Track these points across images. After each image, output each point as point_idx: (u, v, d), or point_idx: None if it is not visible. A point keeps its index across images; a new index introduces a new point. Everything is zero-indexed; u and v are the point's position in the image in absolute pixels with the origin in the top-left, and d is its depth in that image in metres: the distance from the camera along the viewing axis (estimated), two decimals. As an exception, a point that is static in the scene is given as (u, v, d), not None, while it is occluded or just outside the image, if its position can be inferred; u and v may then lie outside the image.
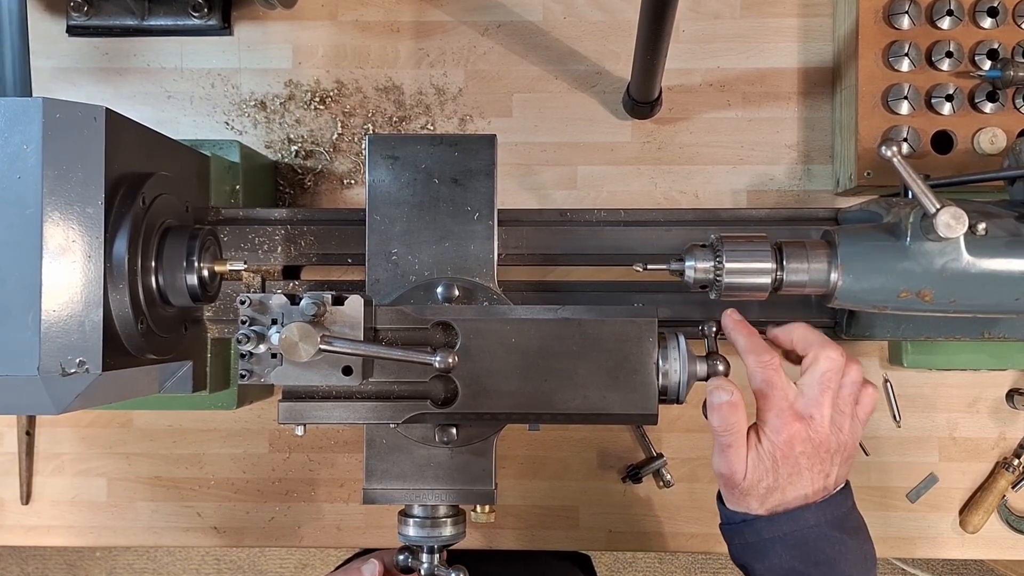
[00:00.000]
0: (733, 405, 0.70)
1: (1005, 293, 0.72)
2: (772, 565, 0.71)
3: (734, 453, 0.71)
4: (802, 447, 0.69)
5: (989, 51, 0.94)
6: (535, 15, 1.07)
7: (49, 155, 0.62)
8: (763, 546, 0.71)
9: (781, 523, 0.71)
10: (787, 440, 0.69)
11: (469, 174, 0.79)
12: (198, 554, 2.27)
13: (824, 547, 0.70)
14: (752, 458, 0.70)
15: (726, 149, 1.05)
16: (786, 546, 0.70)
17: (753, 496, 0.71)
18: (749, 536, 0.72)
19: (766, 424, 0.70)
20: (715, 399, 0.71)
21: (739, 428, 0.71)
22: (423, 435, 0.76)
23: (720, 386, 0.71)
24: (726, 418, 0.70)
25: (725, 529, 0.76)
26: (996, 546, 1.03)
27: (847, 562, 0.70)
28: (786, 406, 0.70)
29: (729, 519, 0.75)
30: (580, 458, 1.05)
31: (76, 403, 0.65)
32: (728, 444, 0.71)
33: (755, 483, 0.71)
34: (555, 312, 0.73)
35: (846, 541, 0.71)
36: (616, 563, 2.25)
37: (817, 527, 0.70)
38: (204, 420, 1.06)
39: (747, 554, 0.73)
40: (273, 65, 1.07)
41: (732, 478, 0.71)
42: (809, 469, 0.70)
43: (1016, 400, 1.01)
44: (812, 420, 0.70)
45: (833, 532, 0.70)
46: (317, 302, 0.67)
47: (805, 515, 0.70)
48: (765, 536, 0.71)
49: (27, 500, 1.06)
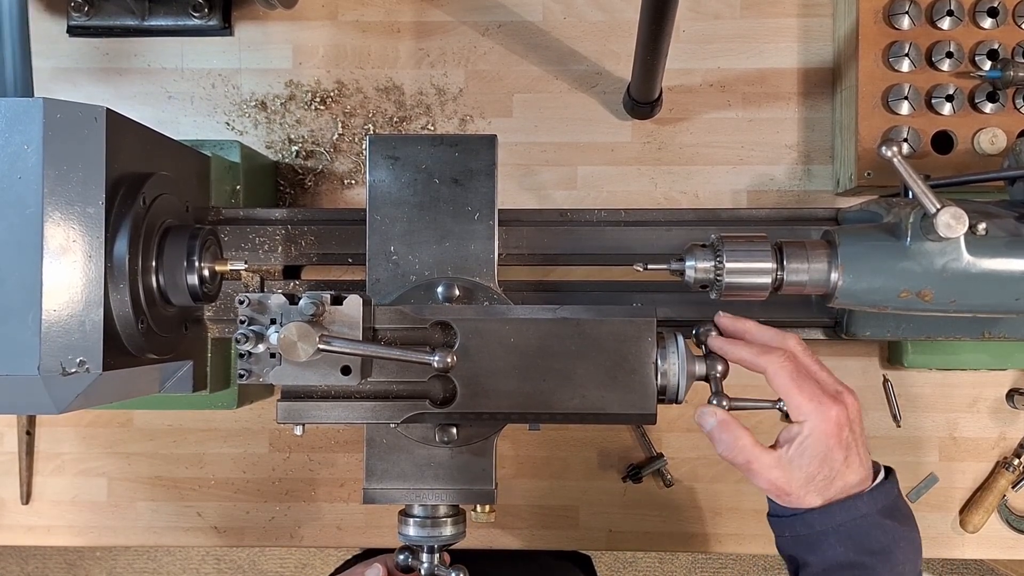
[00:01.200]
0: (724, 423, 0.69)
1: (1005, 293, 0.72)
2: (826, 558, 0.69)
3: (759, 466, 0.68)
4: (848, 425, 0.67)
5: (989, 51, 0.94)
6: (535, 15, 1.07)
7: (50, 155, 0.62)
8: (815, 538, 0.69)
9: (834, 514, 0.68)
10: (836, 424, 0.67)
11: (469, 174, 0.79)
12: (198, 554, 2.27)
13: (878, 536, 0.68)
14: (796, 458, 0.68)
15: (726, 149, 1.05)
16: (840, 537, 0.68)
17: (812, 492, 0.68)
18: (800, 528, 0.70)
19: (809, 416, 0.67)
20: (706, 427, 0.70)
21: (745, 442, 0.69)
22: (423, 435, 0.76)
23: (702, 413, 0.70)
24: (725, 440, 0.69)
25: (774, 521, 0.74)
26: (996, 546, 1.03)
27: (900, 551, 0.69)
28: (820, 391, 0.67)
29: (778, 511, 0.72)
30: (580, 458, 1.05)
31: (76, 403, 0.65)
32: (747, 461, 0.69)
33: (809, 479, 0.68)
34: (554, 312, 0.73)
35: (898, 529, 0.69)
36: (616, 563, 2.24)
37: (870, 516, 0.68)
38: (204, 420, 1.06)
39: (798, 547, 0.71)
40: (273, 65, 1.08)
41: (779, 488, 0.69)
42: (856, 445, 0.68)
43: (1016, 400, 1.01)
44: (841, 395, 0.68)
45: (885, 520, 0.69)
46: (316, 302, 0.67)
47: (858, 504, 0.68)
48: (818, 528, 0.69)
49: (27, 500, 1.06)
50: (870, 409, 1.03)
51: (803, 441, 0.68)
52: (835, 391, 0.69)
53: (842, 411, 0.68)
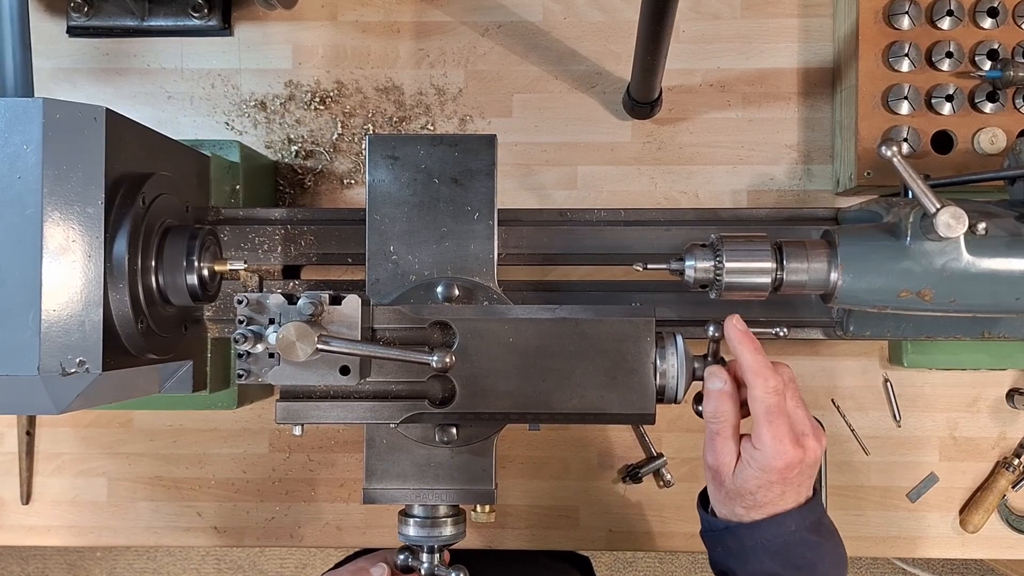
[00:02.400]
0: (726, 394, 0.70)
1: (1005, 293, 0.71)
2: (754, 571, 0.71)
3: (721, 443, 0.71)
4: (798, 468, 0.70)
5: (989, 51, 0.94)
6: (535, 15, 1.07)
7: (49, 155, 0.62)
8: (744, 553, 0.72)
9: (763, 530, 0.71)
10: (785, 466, 0.69)
11: (469, 174, 0.79)
12: (198, 554, 2.27)
13: (804, 551, 0.71)
14: (741, 466, 0.70)
15: (726, 149, 1.05)
16: (768, 552, 0.71)
17: (739, 504, 0.71)
18: (731, 543, 0.73)
19: (765, 448, 0.69)
20: (710, 385, 0.71)
21: (728, 418, 0.70)
22: (423, 435, 0.76)
23: (715, 373, 0.71)
24: (716, 406, 0.70)
25: (707, 536, 0.77)
26: (996, 546, 1.03)
27: (825, 564, 0.71)
28: (786, 433, 0.69)
29: (711, 525, 0.75)
30: (580, 458, 1.05)
31: (76, 403, 0.65)
32: (716, 432, 0.71)
33: (741, 492, 0.70)
34: (553, 312, 0.73)
35: (823, 544, 0.72)
36: (616, 563, 2.24)
37: (797, 532, 0.71)
38: (204, 420, 1.06)
39: (729, 560, 0.74)
40: (273, 65, 1.08)
41: (719, 471, 0.71)
42: (799, 485, 0.71)
43: (1016, 400, 1.01)
44: (805, 439, 0.70)
45: (811, 536, 0.71)
46: (314, 302, 0.67)
47: (786, 521, 0.71)
48: (747, 543, 0.72)
49: (27, 500, 1.06)
50: (870, 409, 1.03)
51: (750, 461, 0.70)
52: (801, 433, 0.70)
53: (798, 455, 0.69)
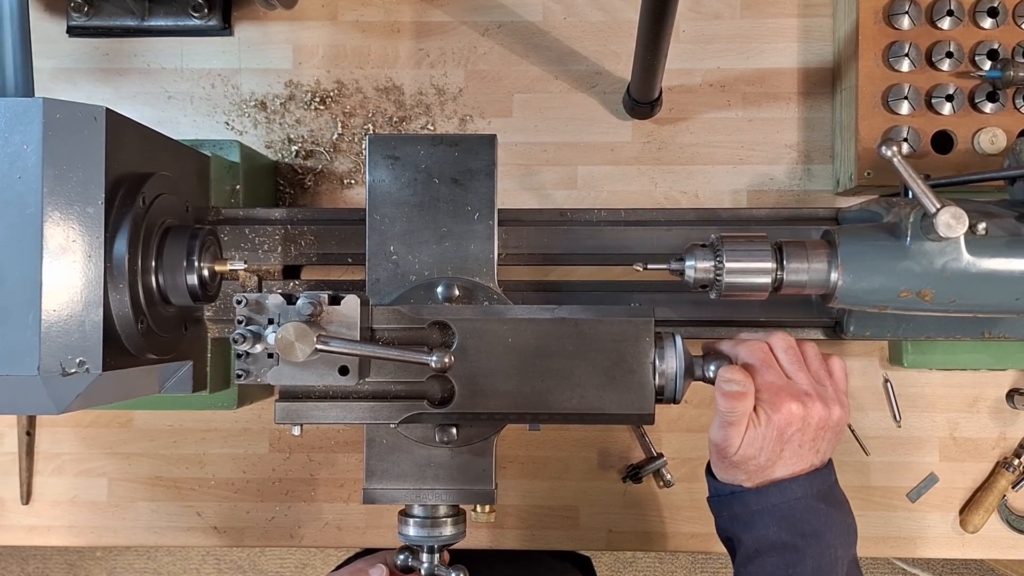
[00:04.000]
0: (743, 395, 0.70)
1: (1005, 293, 0.71)
2: (759, 536, 0.72)
3: (734, 431, 0.71)
4: (798, 425, 0.70)
5: (989, 51, 0.94)
6: (535, 15, 1.07)
7: (49, 155, 0.62)
8: (750, 517, 0.72)
9: (769, 495, 0.71)
10: (784, 419, 0.69)
11: (469, 174, 0.79)
12: (198, 554, 2.27)
13: (810, 519, 0.71)
14: (748, 436, 0.71)
15: (726, 149, 1.05)
16: (774, 517, 0.71)
17: (743, 470, 0.72)
18: (737, 508, 0.73)
19: (763, 402, 0.70)
20: (726, 387, 0.71)
21: (744, 412, 0.71)
22: (423, 435, 0.76)
23: (732, 379, 0.71)
24: (733, 405, 0.70)
25: (713, 502, 0.77)
26: (996, 546, 1.03)
27: (832, 534, 0.71)
28: (782, 384, 0.70)
29: (717, 491, 0.76)
30: (580, 458, 1.05)
31: (76, 403, 0.65)
32: (731, 423, 0.71)
33: (746, 459, 0.71)
34: (552, 312, 0.73)
35: (831, 514, 0.72)
36: (616, 563, 2.24)
37: (804, 499, 0.71)
38: (204, 420, 1.06)
39: (734, 526, 0.74)
40: (273, 65, 1.07)
41: (725, 449, 0.72)
42: (800, 446, 0.71)
43: (1016, 400, 1.01)
44: (807, 398, 0.70)
45: (819, 504, 0.71)
46: (313, 302, 0.67)
47: (792, 487, 0.71)
48: (753, 508, 0.72)
49: (27, 500, 1.06)
50: (870, 409, 1.03)
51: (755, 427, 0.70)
52: (804, 392, 0.70)
53: (798, 409, 0.69)
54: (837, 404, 0.72)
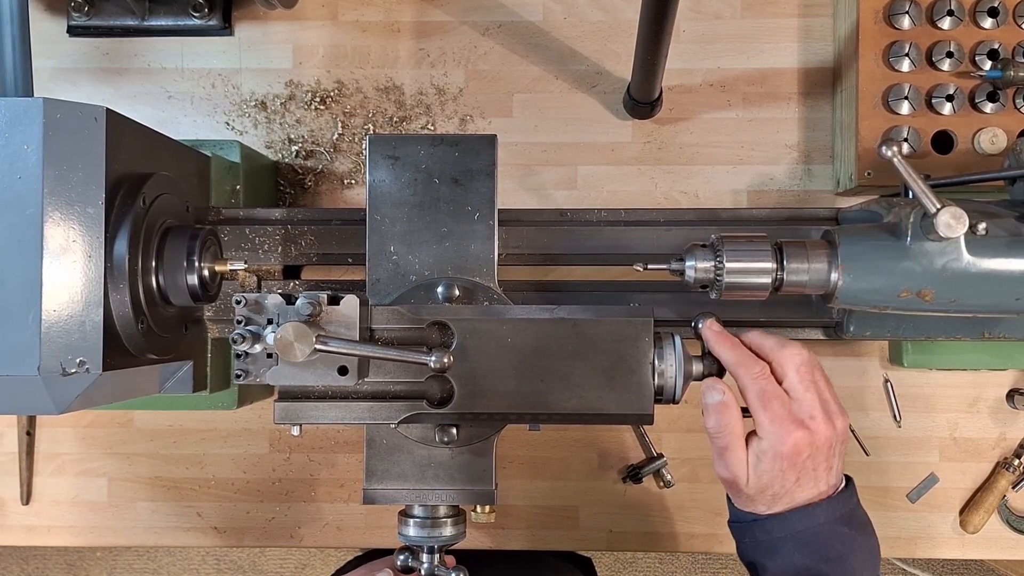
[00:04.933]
0: (726, 405, 0.70)
1: (1005, 293, 0.71)
2: (783, 563, 0.70)
3: (731, 456, 0.70)
4: (808, 451, 0.69)
5: (990, 51, 0.94)
6: (535, 15, 1.07)
7: (50, 155, 0.62)
8: (774, 544, 0.71)
9: (792, 521, 0.70)
10: (793, 449, 0.68)
11: (469, 174, 0.79)
12: (198, 554, 2.27)
13: (835, 544, 0.70)
14: (754, 465, 0.70)
15: (726, 149, 1.05)
16: (798, 544, 0.70)
17: (760, 501, 0.71)
18: (759, 535, 0.72)
19: (768, 436, 0.69)
20: (708, 399, 0.71)
21: (733, 429, 0.70)
22: (423, 435, 0.76)
23: (711, 386, 0.71)
24: (719, 419, 0.70)
25: (734, 527, 0.76)
26: (996, 546, 1.03)
27: (856, 558, 0.70)
28: (784, 414, 0.69)
29: (739, 518, 0.75)
30: (580, 458, 1.05)
31: (77, 403, 0.65)
32: (724, 446, 0.70)
33: (761, 490, 0.70)
34: (551, 312, 0.73)
35: (855, 537, 0.71)
36: (616, 563, 2.24)
37: (827, 524, 0.70)
38: (204, 420, 1.06)
39: (757, 552, 0.73)
40: (274, 65, 1.08)
41: (735, 483, 0.71)
42: (815, 470, 0.70)
43: (1016, 400, 1.01)
44: (813, 421, 0.69)
45: (842, 528, 0.70)
46: (313, 302, 0.67)
47: (816, 513, 0.70)
48: (776, 535, 0.71)
49: (27, 500, 1.06)
50: (870, 409, 1.03)
51: (760, 456, 0.70)
52: (807, 416, 0.69)
53: (805, 436, 0.68)
54: (839, 415, 0.71)
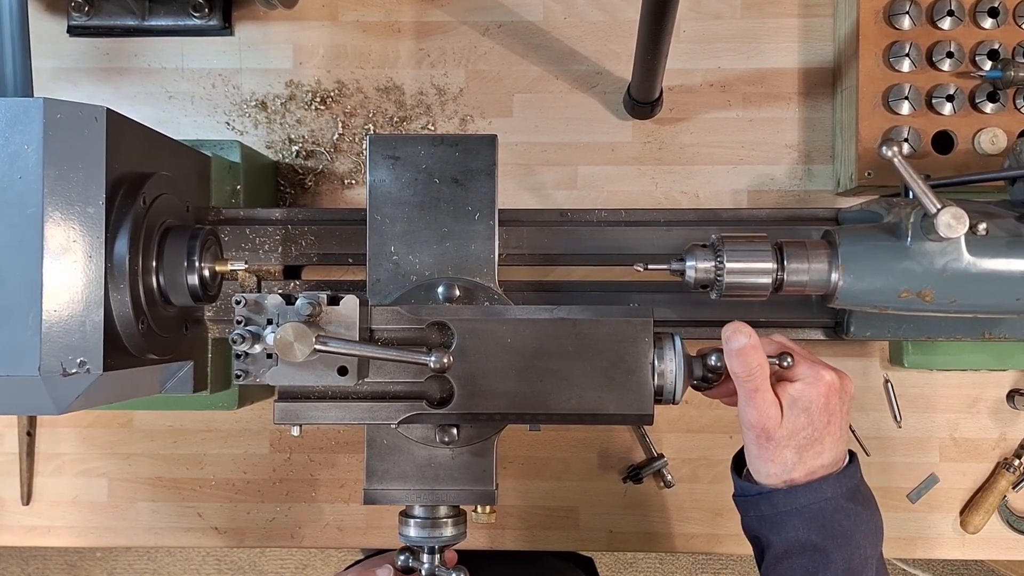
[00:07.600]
0: (754, 347, 0.68)
1: (1006, 293, 0.71)
2: (788, 538, 0.70)
3: (762, 397, 0.69)
4: (838, 394, 0.70)
5: (990, 51, 0.94)
6: (535, 15, 1.07)
7: (50, 155, 0.62)
8: (779, 518, 0.70)
9: (799, 495, 0.70)
10: (827, 388, 0.69)
11: (470, 174, 0.79)
12: (198, 554, 2.27)
13: (840, 519, 0.69)
14: (789, 405, 0.69)
15: (727, 149, 1.05)
16: (803, 519, 0.69)
17: (790, 447, 0.69)
18: (765, 508, 0.71)
19: (804, 375, 0.69)
20: (734, 344, 0.69)
21: (763, 370, 0.69)
22: (424, 435, 0.76)
23: (737, 330, 0.69)
24: (748, 361, 0.68)
25: (739, 501, 0.75)
26: (996, 546, 1.03)
27: (861, 534, 0.70)
28: (814, 359, 0.71)
29: (744, 491, 0.74)
30: (581, 459, 1.05)
31: (77, 403, 0.65)
32: (755, 388, 0.69)
33: (793, 432, 0.69)
34: (551, 312, 0.73)
35: (860, 513, 0.70)
36: (617, 563, 2.24)
37: (834, 499, 0.70)
38: (205, 420, 1.06)
39: (762, 526, 0.72)
40: (274, 65, 1.07)
41: (766, 427, 0.69)
42: (839, 422, 0.70)
43: (1017, 400, 1.01)
44: (840, 372, 0.71)
45: (848, 504, 0.70)
46: (312, 302, 0.67)
47: (823, 487, 0.70)
48: (782, 508, 0.70)
49: (28, 500, 1.06)
50: (870, 409, 1.03)
51: (795, 397, 0.69)
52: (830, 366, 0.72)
53: (835, 378, 0.70)
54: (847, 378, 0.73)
